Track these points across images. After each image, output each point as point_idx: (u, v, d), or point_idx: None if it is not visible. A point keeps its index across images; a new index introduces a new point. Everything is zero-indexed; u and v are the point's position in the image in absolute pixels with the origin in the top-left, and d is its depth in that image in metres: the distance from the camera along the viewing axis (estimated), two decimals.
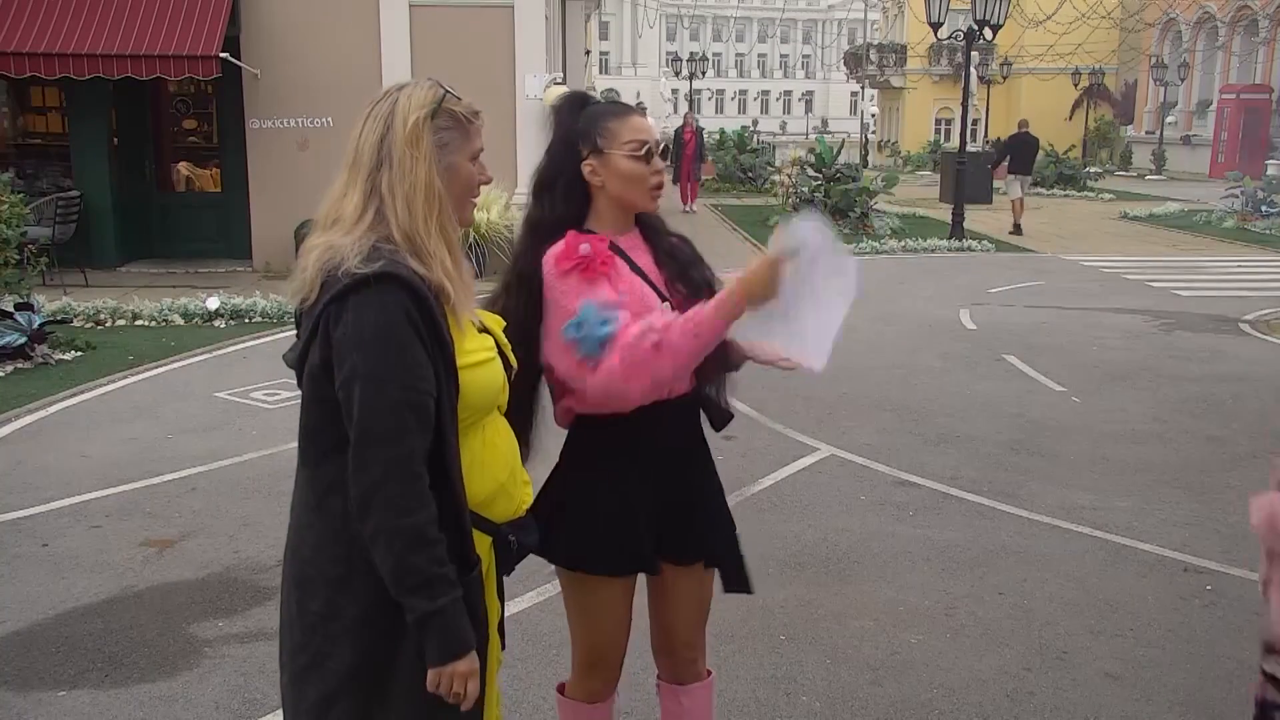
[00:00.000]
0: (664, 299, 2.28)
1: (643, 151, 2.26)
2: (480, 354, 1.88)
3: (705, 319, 2.12)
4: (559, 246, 2.23)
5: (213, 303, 9.47)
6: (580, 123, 2.30)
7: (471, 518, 1.88)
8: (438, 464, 1.79)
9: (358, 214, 1.80)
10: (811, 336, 2.16)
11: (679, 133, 21.35)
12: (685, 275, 2.35)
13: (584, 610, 2.47)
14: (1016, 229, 17.71)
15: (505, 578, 2.07)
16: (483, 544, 1.92)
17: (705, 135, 25.23)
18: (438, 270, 1.80)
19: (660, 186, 2.32)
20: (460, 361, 1.82)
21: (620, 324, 2.15)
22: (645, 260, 2.34)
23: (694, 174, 21.23)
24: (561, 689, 2.62)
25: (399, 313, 1.72)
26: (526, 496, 2.05)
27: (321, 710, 1.84)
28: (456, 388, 1.81)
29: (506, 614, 4.14)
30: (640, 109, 2.39)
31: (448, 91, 1.89)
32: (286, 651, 1.90)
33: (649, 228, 2.39)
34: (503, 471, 1.96)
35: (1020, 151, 18.62)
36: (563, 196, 2.30)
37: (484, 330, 1.96)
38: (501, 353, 1.98)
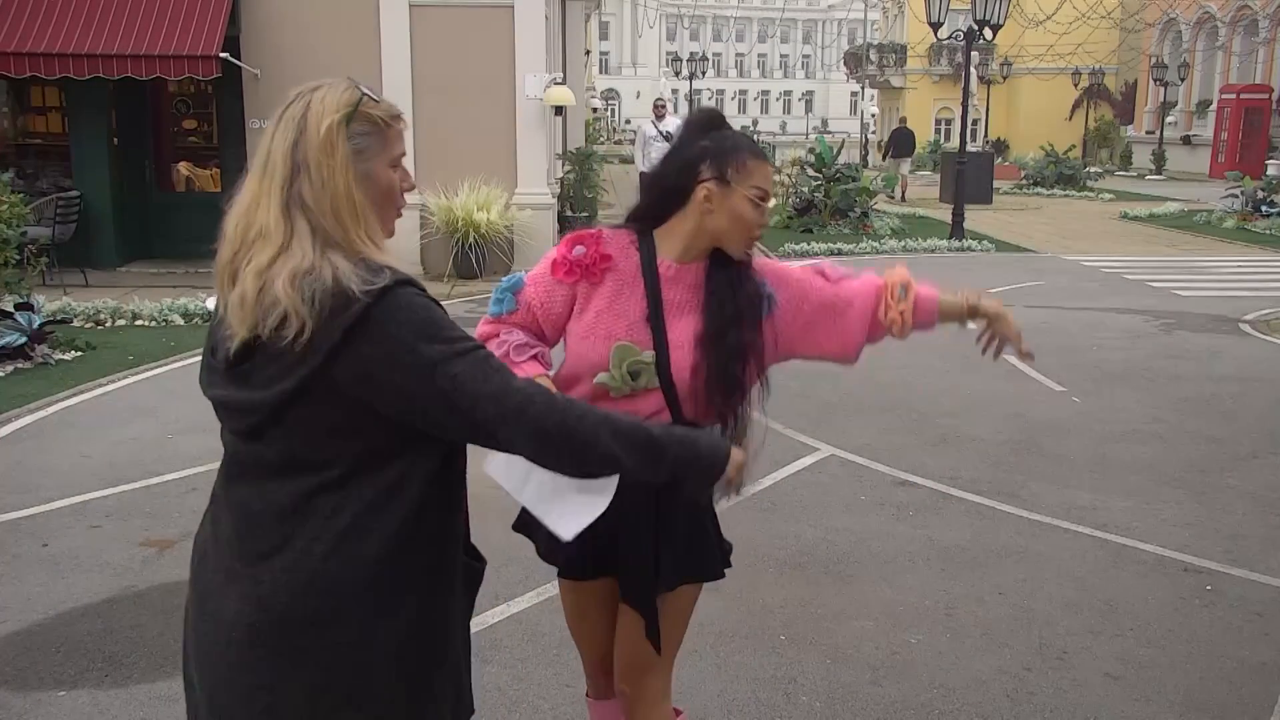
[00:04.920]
0: (661, 342, 2.19)
1: (762, 200, 2.21)
2: None
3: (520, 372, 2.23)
4: (566, 238, 2.32)
5: (212, 303, 9.34)
6: (712, 143, 2.22)
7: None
8: (453, 462, 1.76)
9: (283, 225, 1.65)
10: (579, 515, 2.02)
11: None
12: (719, 339, 2.19)
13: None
14: (902, 198, 22.93)
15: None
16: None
17: None
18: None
19: (758, 240, 2.26)
20: None
21: (504, 310, 2.29)
22: (682, 296, 2.23)
23: None
24: None
25: (428, 301, 1.67)
26: None
27: None
28: None
29: (507, 614, 4.15)
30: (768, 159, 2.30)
31: (365, 94, 1.72)
32: (295, 701, 1.69)
33: (731, 274, 2.24)
34: None
35: (900, 141, 24.71)
36: (656, 201, 2.28)
37: None
38: None
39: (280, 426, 1.67)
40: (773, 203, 2.28)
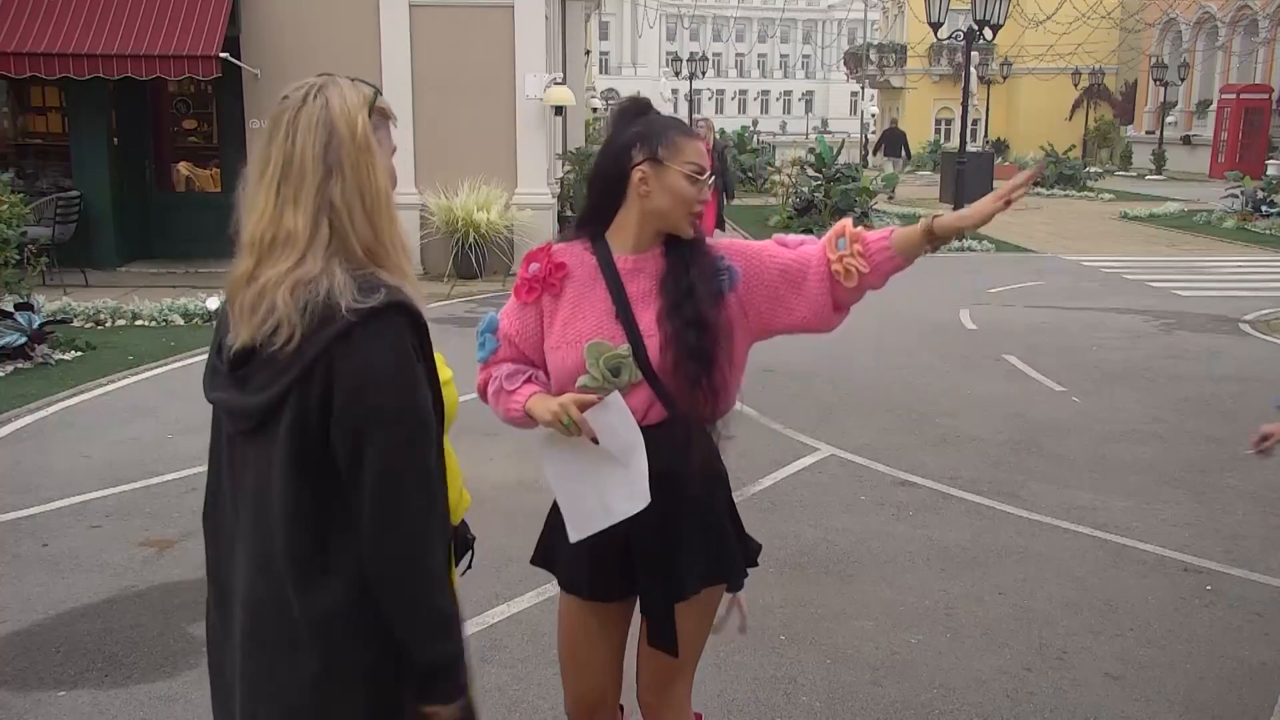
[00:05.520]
0: (634, 334, 2.20)
1: (698, 174, 2.20)
2: (446, 372, 1.85)
3: (516, 405, 2.26)
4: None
5: (213, 303, 9.46)
6: (642, 128, 2.23)
7: None
8: None
9: (310, 231, 1.63)
10: (637, 479, 2.18)
11: None
12: (675, 311, 2.20)
13: (557, 611, 2.51)
14: (892, 194, 23.65)
15: (467, 577, 2.04)
16: None
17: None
18: (408, 284, 1.68)
19: (700, 215, 2.24)
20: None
21: (489, 352, 2.33)
22: (645, 287, 2.23)
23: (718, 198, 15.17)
24: None
25: (408, 345, 1.63)
26: (468, 499, 2.06)
27: None
28: (442, 412, 1.73)
29: (508, 614, 4.15)
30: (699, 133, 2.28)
31: (376, 88, 1.72)
32: (273, 715, 1.71)
33: (684, 254, 2.25)
34: (458, 479, 1.96)
35: (891, 140, 27.15)
36: (599, 197, 2.28)
37: None
38: None
39: (267, 432, 1.65)
40: (709, 179, 2.24)
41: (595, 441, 2.18)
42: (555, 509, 2.36)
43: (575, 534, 2.24)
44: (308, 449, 1.62)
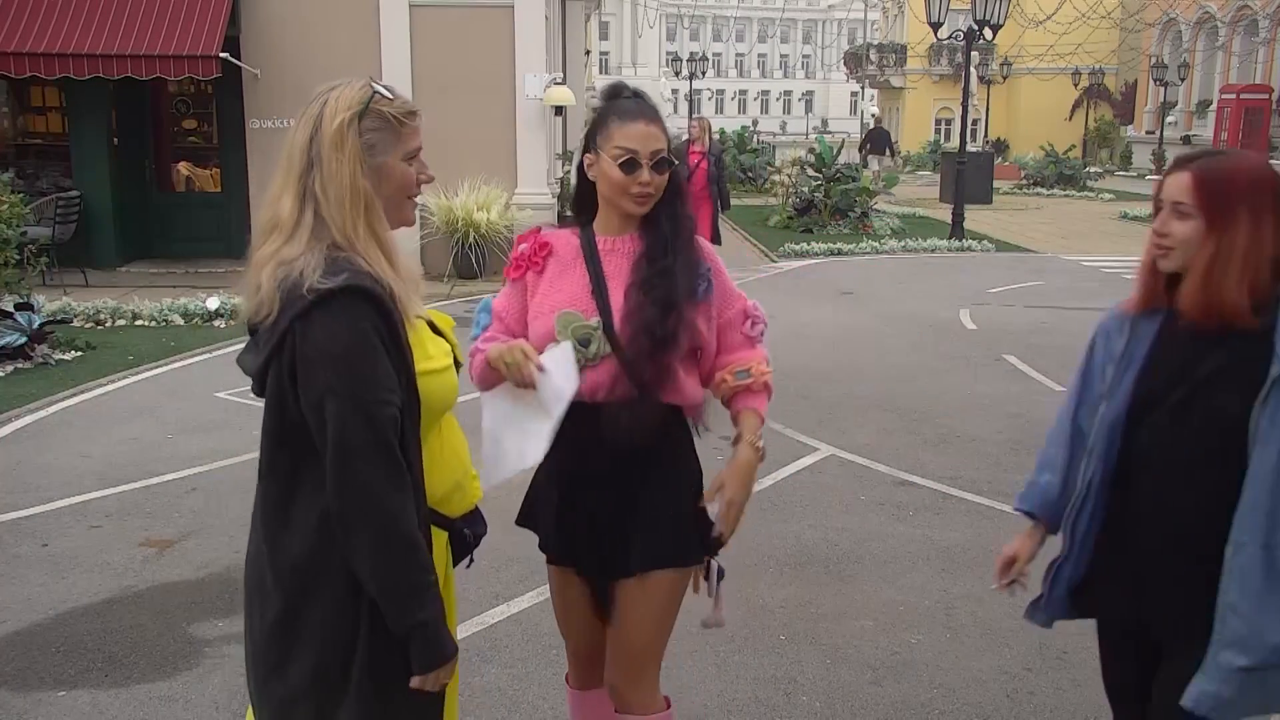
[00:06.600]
0: (605, 308, 2.27)
1: (623, 160, 2.24)
2: (441, 359, 1.93)
3: (480, 358, 2.33)
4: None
5: (213, 303, 9.47)
6: (596, 116, 2.32)
7: (430, 514, 1.90)
8: None
9: (295, 217, 1.80)
10: (552, 428, 2.22)
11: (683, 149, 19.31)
12: (644, 286, 2.27)
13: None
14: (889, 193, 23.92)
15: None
16: (439, 539, 1.95)
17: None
18: (378, 270, 1.80)
19: (644, 196, 2.27)
20: (423, 367, 1.84)
21: (480, 328, 2.45)
22: (621, 265, 2.31)
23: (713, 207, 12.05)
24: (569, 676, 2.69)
25: (366, 325, 1.73)
26: (478, 490, 2.08)
27: (282, 714, 1.87)
28: (417, 395, 1.82)
29: (507, 614, 4.15)
30: (651, 114, 2.29)
31: (378, 92, 1.85)
32: (250, 657, 1.91)
33: (666, 240, 2.30)
34: (459, 468, 2.01)
35: (875, 139, 27.20)
36: (579, 185, 2.40)
37: (436, 331, 1.99)
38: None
39: (264, 398, 1.82)
40: (663, 165, 2.25)
41: (533, 388, 2.24)
42: (537, 471, 2.44)
43: (487, 480, 2.28)
44: (284, 414, 1.78)
